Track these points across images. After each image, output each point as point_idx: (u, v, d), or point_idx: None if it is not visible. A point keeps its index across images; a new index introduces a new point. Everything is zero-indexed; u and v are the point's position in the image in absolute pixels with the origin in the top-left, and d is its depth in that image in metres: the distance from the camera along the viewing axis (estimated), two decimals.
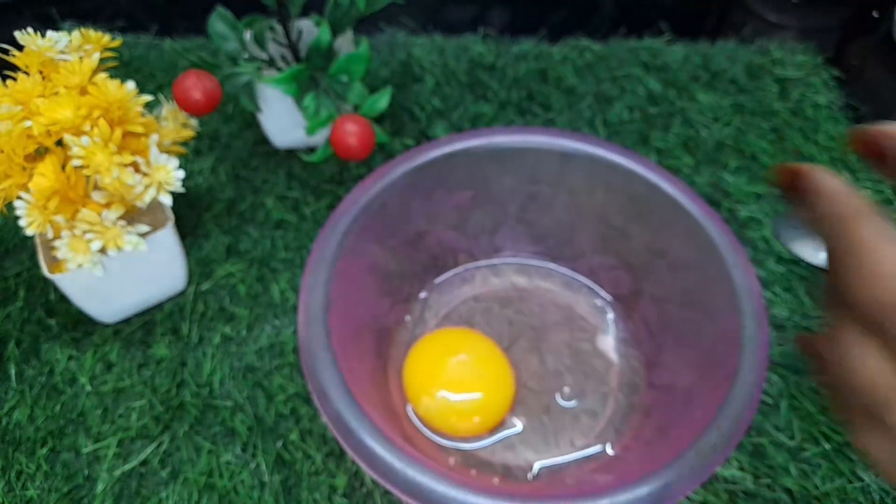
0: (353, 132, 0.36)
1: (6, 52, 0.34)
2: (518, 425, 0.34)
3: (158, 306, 0.40)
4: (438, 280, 0.40)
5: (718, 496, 0.32)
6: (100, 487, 0.33)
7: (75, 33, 0.36)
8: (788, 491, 0.33)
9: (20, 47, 0.34)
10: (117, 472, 0.33)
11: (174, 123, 0.38)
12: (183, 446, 0.34)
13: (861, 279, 0.14)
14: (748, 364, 0.27)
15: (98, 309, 0.37)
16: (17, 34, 0.34)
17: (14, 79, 0.33)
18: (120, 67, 0.52)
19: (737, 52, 0.55)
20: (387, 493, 0.33)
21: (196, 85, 0.36)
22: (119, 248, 0.34)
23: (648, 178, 0.34)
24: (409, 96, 0.52)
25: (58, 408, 0.36)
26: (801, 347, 0.17)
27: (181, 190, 0.35)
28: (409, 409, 0.34)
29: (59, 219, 0.33)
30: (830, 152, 0.48)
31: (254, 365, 0.37)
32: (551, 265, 0.41)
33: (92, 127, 0.32)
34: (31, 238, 0.42)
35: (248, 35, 0.42)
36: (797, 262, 0.42)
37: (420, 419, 0.34)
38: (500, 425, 0.34)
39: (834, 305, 0.16)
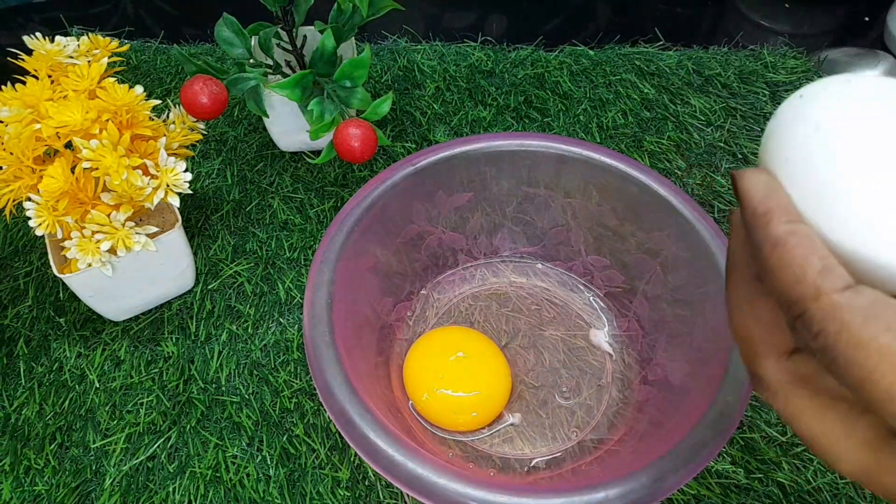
0: (356, 136, 0.37)
1: (16, 55, 0.35)
2: (515, 419, 0.35)
3: (167, 304, 0.40)
4: (438, 279, 0.41)
5: (711, 489, 0.33)
6: (108, 482, 0.34)
7: (84, 38, 0.37)
8: (780, 485, 0.33)
9: (29, 51, 0.35)
10: (125, 467, 0.34)
11: (182, 127, 0.39)
12: (190, 441, 0.35)
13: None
14: (739, 360, 0.28)
15: (107, 308, 0.38)
16: (26, 38, 0.35)
17: (23, 82, 0.33)
18: (128, 72, 0.53)
19: (729, 57, 0.56)
20: (389, 485, 0.33)
21: (203, 90, 0.37)
22: (128, 249, 0.34)
23: (641, 180, 0.34)
24: (410, 101, 0.53)
25: (66, 404, 0.36)
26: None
27: (189, 192, 0.36)
28: (410, 403, 0.35)
29: (68, 220, 0.33)
30: None
31: (260, 361, 0.38)
32: (548, 265, 0.41)
33: (101, 130, 0.32)
34: (41, 238, 0.43)
35: (253, 41, 0.43)
36: None
37: (420, 414, 0.34)
38: (499, 419, 0.35)
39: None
